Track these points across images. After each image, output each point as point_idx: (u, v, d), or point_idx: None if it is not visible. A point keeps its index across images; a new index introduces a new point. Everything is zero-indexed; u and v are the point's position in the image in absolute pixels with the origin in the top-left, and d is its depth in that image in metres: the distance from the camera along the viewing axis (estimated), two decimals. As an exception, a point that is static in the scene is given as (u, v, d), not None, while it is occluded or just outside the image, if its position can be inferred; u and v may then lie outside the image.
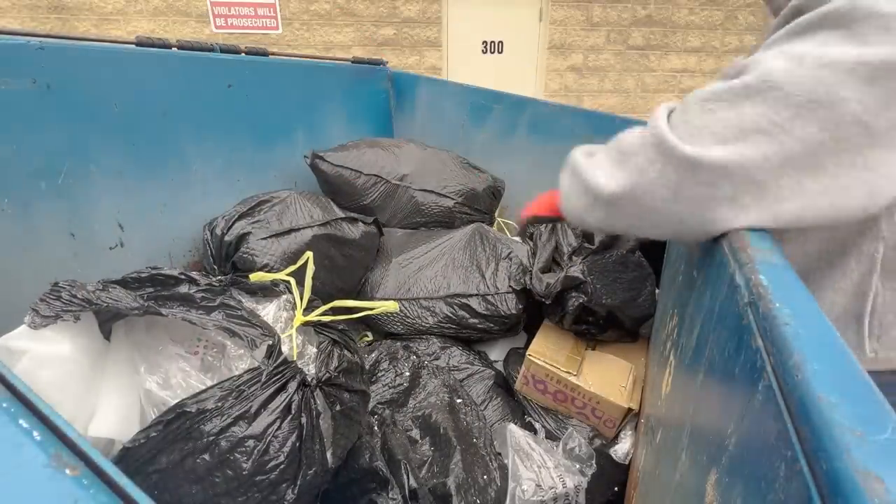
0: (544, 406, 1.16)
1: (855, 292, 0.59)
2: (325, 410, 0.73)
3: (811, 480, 0.25)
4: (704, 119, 0.53)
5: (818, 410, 0.26)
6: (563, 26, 4.73)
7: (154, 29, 4.42)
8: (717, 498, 0.40)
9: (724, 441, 0.40)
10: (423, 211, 1.70)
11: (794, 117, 0.48)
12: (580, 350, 1.19)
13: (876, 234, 0.56)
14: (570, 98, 4.96)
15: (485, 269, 1.37)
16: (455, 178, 1.75)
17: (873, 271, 0.57)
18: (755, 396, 0.35)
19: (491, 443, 1.02)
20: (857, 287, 0.59)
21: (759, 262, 0.43)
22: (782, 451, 0.29)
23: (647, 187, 0.56)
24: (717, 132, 0.51)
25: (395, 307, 0.98)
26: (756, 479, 0.32)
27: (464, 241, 1.47)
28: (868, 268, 0.58)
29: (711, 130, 0.52)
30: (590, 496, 0.97)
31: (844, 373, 0.29)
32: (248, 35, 4.49)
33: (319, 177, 1.75)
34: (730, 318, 0.45)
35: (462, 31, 4.74)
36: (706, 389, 0.50)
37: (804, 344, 0.31)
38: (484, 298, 1.30)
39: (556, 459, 0.99)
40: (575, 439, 1.03)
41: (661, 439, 0.72)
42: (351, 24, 4.56)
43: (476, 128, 2.06)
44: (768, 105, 0.49)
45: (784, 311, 0.35)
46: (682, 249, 0.96)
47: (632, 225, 0.62)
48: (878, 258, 0.57)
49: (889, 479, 0.22)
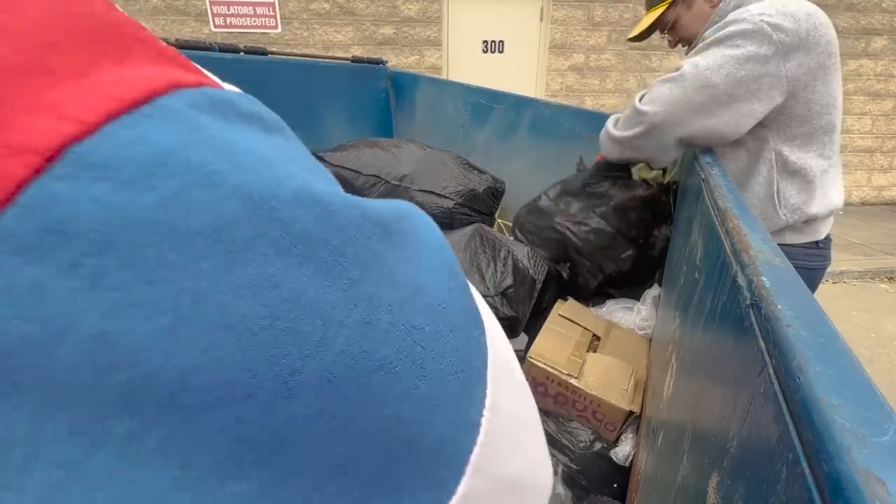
0: (545, 408, 1.15)
1: (767, 183, 1.09)
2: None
3: (812, 483, 0.25)
4: (654, 93, 1.06)
5: (820, 412, 0.26)
6: (564, 26, 4.73)
7: (153, 28, 4.42)
8: (718, 500, 0.40)
9: (726, 443, 0.40)
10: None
11: (695, 92, 0.99)
12: (581, 352, 1.19)
13: (770, 148, 1.07)
14: (572, 98, 4.96)
15: (485, 271, 1.37)
16: (455, 178, 1.75)
17: (773, 169, 1.08)
18: (757, 398, 0.35)
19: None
20: (767, 179, 1.08)
21: (761, 264, 0.43)
22: (784, 454, 0.28)
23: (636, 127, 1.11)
24: (656, 99, 1.05)
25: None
26: (758, 481, 0.32)
27: (463, 242, 1.47)
28: (769, 167, 1.08)
29: (654, 98, 1.05)
30: (590, 498, 0.97)
31: (846, 375, 0.29)
32: (247, 34, 4.49)
33: (319, 177, 1.75)
34: (731, 319, 0.45)
35: (462, 31, 4.74)
36: (708, 392, 0.50)
37: (806, 346, 0.31)
38: (483, 300, 1.30)
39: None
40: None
41: (663, 442, 0.72)
42: (350, 24, 4.56)
43: (476, 128, 2.05)
44: (681, 86, 1.01)
45: (786, 312, 0.35)
46: (684, 252, 0.96)
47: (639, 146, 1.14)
48: (774, 161, 1.07)
49: (891, 480, 0.22)
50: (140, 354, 0.11)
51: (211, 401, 0.12)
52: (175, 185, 0.12)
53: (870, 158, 5.30)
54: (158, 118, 0.13)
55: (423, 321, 0.16)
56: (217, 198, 0.13)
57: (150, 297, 0.12)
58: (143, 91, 0.14)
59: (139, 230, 0.12)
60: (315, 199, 0.15)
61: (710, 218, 0.69)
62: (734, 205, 0.64)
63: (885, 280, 3.64)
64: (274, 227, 0.14)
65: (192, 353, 0.12)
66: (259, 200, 0.13)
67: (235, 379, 0.12)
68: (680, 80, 1.00)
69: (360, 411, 0.14)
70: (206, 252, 0.12)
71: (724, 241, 0.54)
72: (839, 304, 3.16)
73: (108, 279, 0.11)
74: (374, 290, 0.15)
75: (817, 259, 1.16)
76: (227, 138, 0.14)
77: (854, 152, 5.22)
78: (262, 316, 0.13)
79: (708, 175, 0.86)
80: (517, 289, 1.32)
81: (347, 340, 0.14)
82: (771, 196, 1.08)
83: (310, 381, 0.13)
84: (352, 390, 0.14)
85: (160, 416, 0.11)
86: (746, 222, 0.55)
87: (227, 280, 0.13)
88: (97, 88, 0.13)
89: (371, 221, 0.16)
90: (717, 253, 0.57)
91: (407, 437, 0.15)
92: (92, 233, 0.11)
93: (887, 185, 5.42)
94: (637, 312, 1.35)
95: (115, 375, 0.11)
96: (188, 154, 0.13)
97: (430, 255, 0.18)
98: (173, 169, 0.13)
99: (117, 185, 0.12)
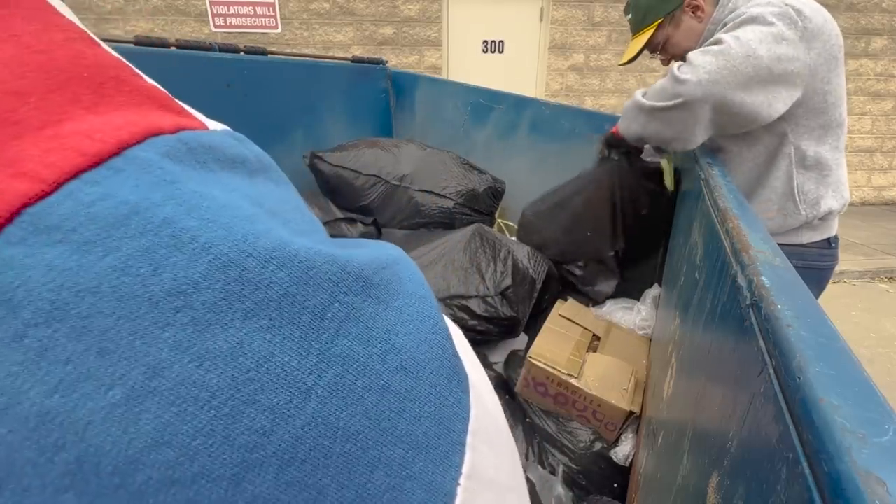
0: (545, 408, 1.15)
1: (786, 177, 1.09)
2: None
3: (813, 482, 0.25)
4: (695, 61, 0.97)
5: (820, 412, 0.26)
6: (564, 26, 4.73)
7: (153, 28, 4.42)
8: (718, 500, 0.40)
9: (726, 443, 0.39)
10: (422, 212, 1.70)
11: (741, 62, 0.93)
12: (581, 352, 1.19)
13: (788, 142, 1.06)
14: (572, 98, 4.96)
15: (485, 271, 1.37)
16: (455, 178, 1.75)
17: (791, 164, 1.08)
18: (757, 398, 0.35)
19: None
20: (786, 174, 1.09)
21: (761, 264, 0.43)
22: (784, 454, 0.28)
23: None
24: (699, 67, 0.97)
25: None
26: (758, 481, 0.32)
27: (464, 242, 1.47)
28: (788, 162, 1.08)
29: (696, 66, 0.97)
30: (590, 498, 0.97)
31: (846, 375, 0.29)
32: (247, 34, 4.49)
33: (318, 177, 1.75)
34: (732, 319, 0.45)
35: (462, 31, 4.74)
36: (708, 392, 0.50)
37: (806, 346, 0.31)
38: (483, 300, 1.30)
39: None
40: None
41: (663, 442, 0.72)
42: (350, 24, 4.56)
43: (476, 128, 2.05)
44: (726, 56, 0.94)
45: (786, 312, 0.35)
46: (684, 252, 0.96)
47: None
48: (792, 156, 1.07)
49: (891, 480, 0.22)
50: (88, 432, 0.10)
51: (164, 481, 0.11)
52: (138, 245, 0.12)
53: (870, 158, 5.30)
54: (127, 172, 0.12)
55: (399, 382, 0.15)
56: (183, 259, 0.12)
57: (102, 370, 0.11)
58: (113, 142, 0.13)
59: (94, 297, 0.11)
60: (292, 258, 0.14)
61: (711, 218, 0.69)
62: (734, 205, 0.64)
63: (885, 280, 3.64)
64: (243, 291, 0.13)
65: (146, 431, 0.11)
66: (229, 262, 0.13)
67: (193, 457, 0.11)
68: (725, 51, 0.94)
69: (329, 482, 0.13)
70: (168, 319, 0.12)
71: (724, 241, 0.54)
72: (839, 304, 3.16)
73: (57, 351, 0.11)
74: (348, 350, 0.14)
75: (828, 259, 1.17)
76: (200, 192, 0.13)
77: (854, 152, 5.22)
78: (222, 388, 0.12)
79: (708, 175, 0.86)
80: (517, 289, 1.32)
81: (315, 410, 0.13)
82: (791, 191, 1.08)
83: (273, 457, 0.12)
84: (320, 461, 0.13)
85: (111, 496, 0.10)
86: (746, 222, 0.55)
87: (189, 350, 0.12)
88: (62, 140, 0.12)
89: (351, 276, 0.15)
90: (717, 253, 0.57)
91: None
92: (41, 301, 0.11)
93: (887, 185, 5.42)
94: (637, 312, 1.35)
95: (60, 454, 0.10)
96: (155, 211, 0.12)
97: (411, 308, 0.17)
98: (137, 228, 0.12)
99: (74, 247, 0.11)
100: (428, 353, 0.17)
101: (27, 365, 0.11)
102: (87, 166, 0.12)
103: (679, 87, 0.98)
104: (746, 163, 1.12)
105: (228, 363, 0.12)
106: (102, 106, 0.14)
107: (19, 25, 0.14)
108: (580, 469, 1.03)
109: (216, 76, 1.44)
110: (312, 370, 0.13)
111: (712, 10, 1.14)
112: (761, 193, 1.13)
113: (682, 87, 0.97)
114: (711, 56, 0.95)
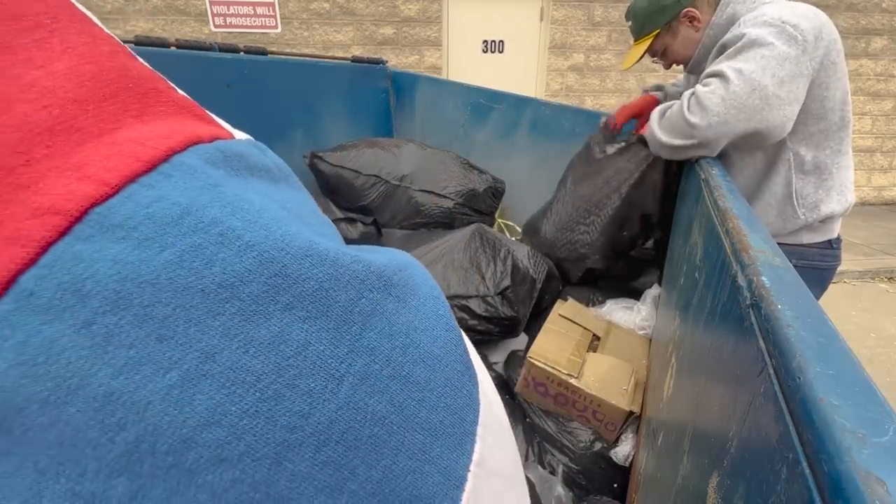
0: (545, 408, 1.15)
1: (785, 183, 1.12)
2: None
3: (813, 482, 0.25)
4: (703, 101, 1.00)
5: (820, 412, 0.26)
6: (564, 26, 4.73)
7: (153, 28, 4.42)
8: (718, 500, 0.40)
9: (726, 443, 0.39)
10: (422, 211, 1.70)
11: (747, 97, 0.96)
12: (581, 352, 1.19)
13: (787, 148, 1.09)
14: (572, 98, 4.95)
15: (485, 271, 1.37)
16: (455, 178, 1.75)
17: (790, 169, 1.11)
18: (757, 398, 0.35)
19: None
20: (785, 179, 1.12)
21: (761, 264, 0.43)
22: (784, 454, 0.28)
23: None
24: (707, 110, 1.00)
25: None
26: (758, 481, 0.32)
27: (464, 242, 1.47)
28: (787, 167, 1.11)
29: (704, 108, 1.00)
30: (590, 498, 0.97)
31: (846, 375, 0.29)
32: (247, 34, 4.48)
33: (318, 177, 1.75)
34: (732, 319, 0.45)
35: (462, 31, 4.74)
36: (708, 392, 0.50)
37: (806, 346, 0.31)
38: (483, 300, 1.30)
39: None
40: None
41: (663, 442, 0.72)
42: (350, 24, 4.55)
43: (476, 128, 2.05)
44: (732, 92, 0.97)
45: (786, 313, 0.35)
46: (684, 252, 0.96)
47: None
48: (791, 161, 1.10)
49: (891, 480, 0.22)
50: (148, 412, 0.11)
51: (214, 459, 0.12)
52: (191, 242, 0.13)
53: (870, 158, 5.30)
54: (176, 177, 0.14)
55: (419, 373, 0.16)
56: (230, 255, 0.13)
57: (160, 354, 0.12)
58: (163, 150, 0.14)
59: (153, 288, 0.12)
60: (323, 256, 0.15)
61: (711, 218, 0.69)
62: (734, 205, 0.64)
63: (885, 280, 3.64)
64: (283, 284, 0.14)
65: (199, 411, 0.12)
66: (270, 259, 0.14)
67: (240, 436, 0.12)
68: (729, 87, 0.96)
69: (359, 462, 0.14)
70: (219, 309, 0.13)
71: (725, 241, 0.54)
72: (839, 304, 3.16)
73: (121, 337, 0.12)
74: (374, 342, 0.15)
75: (830, 259, 1.18)
76: (240, 195, 0.15)
77: (854, 152, 5.20)
78: (266, 373, 0.13)
79: (708, 175, 0.86)
80: (517, 289, 1.32)
81: (347, 395, 0.14)
82: (790, 196, 1.11)
83: (310, 438, 0.13)
84: (351, 442, 0.14)
85: (163, 476, 0.11)
86: (746, 222, 0.55)
87: (237, 337, 0.13)
88: (120, 147, 0.13)
89: (374, 274, 0.17)
90: (717, 253, 0.57)
91: (401, 488, 0.15)
92: (108, 291, 0.12)
93: (887, 185, 5.42)
94: (637, 312, 1.35)
95: (121, 433, 0.11)
96: (204, 212, 0.13)
97: (426, 307, 0.18)
98: (189, 227, 0.13)
99: (135, 244, 0.12)
100: (443, 349, 0.18)
101: (95, 349, 0.11)
102: (142, 171, 0.13)
103: (692, 130, 1.02)
104: (746, 168, 1.15)
105: (272, 350, 0.13)
106: (146, 115, 0.15)
107: (74, 38, 0.15)
108: (580, 469, 1.03)
109: (216, 76, 1.44)
110: (344, 359, 0.14)
111: (709, 18, 1.16)
112: (761, 198, 1.15)
113: (696, 130, 1.02)
114: (718, 98, 0.98)
